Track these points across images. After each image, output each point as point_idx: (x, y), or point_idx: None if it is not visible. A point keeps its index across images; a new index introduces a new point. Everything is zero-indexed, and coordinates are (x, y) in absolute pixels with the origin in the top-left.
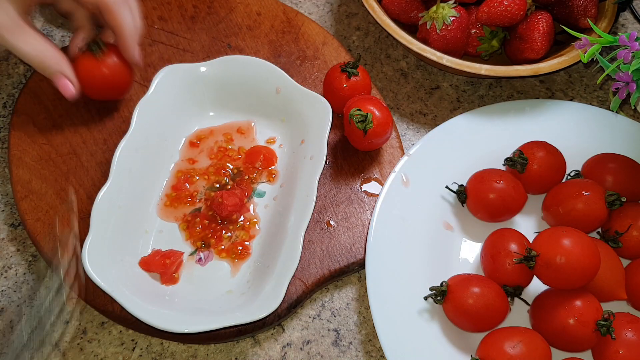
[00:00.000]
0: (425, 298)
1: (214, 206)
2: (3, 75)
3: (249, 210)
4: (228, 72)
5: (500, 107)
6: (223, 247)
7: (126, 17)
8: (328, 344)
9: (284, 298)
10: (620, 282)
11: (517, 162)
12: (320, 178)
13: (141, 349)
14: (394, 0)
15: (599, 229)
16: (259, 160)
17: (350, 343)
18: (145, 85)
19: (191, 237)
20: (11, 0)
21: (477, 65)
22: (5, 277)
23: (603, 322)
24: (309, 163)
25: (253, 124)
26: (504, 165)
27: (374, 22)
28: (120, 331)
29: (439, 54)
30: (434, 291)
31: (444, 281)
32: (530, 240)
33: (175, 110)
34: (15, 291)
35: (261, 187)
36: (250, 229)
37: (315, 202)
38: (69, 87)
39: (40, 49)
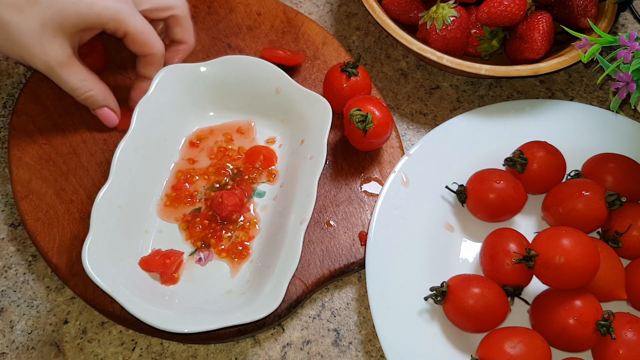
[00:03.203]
0: (426, 298)
1: (214, 206)
2: (3, 75)
3: (249, 210)
4: (228, 72)
5: (500, 107)
6: (223, 247)
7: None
8: (328, 344)
9: (284, 298)
10: (620, 282)
11: (517, 162)
12: (320, 178)
13: (141, 349)
14: (394, 0)
15: (599, 229)
16: (259, 160)
17: (350, 343)
18: None
19: (191, 237)
20: (67, 36)
21: (477, 65)
22: (5, 277)
23: (603, 322)
24: (309, 163)
25: (253, 124)
26: (504, 165)
27: (374, 22)
28: (120, 331)
29: (439, 54)
30: (434, 291)
31: (444, 282)
32: (530, 241)
33: (175, 110)
34: (15, 291)
35: (261, 187)
36: (250, 229)
37: (315, 202)
38: (113, 116)
39: (89, 85)
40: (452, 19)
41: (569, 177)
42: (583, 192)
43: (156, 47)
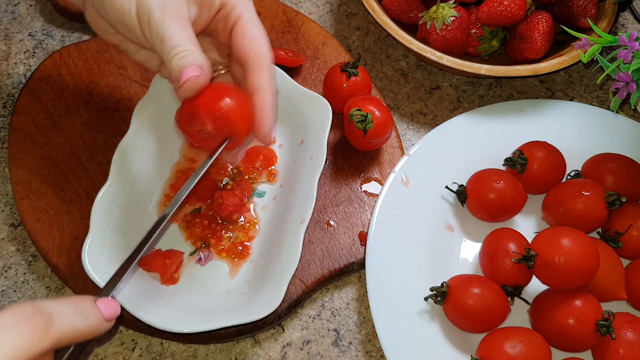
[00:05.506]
0: (426, 299)
1: (214, 206)
2: (3, 75)
3: (249, 211)
4: None
5: (500, 107)
6: (223, 247)
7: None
8: (328, 344)
9: (284, 298)
10: (620, 282)
11: (517, 162)
12: (320, 178)
13: (141, 349)
14: (394, 0)
15: (599, 229)
16: (259, 160)
17: (350, 343)
18: (145, 85)
19: (191, 237)
20: None
21: (477, 65)
22: (5, 277)
23: (603, 322)
24: (309, 163)
25: None
26: (504, 165)
27: (374, 22)
28: (120, 331)
29: (439, 54)
30: (434, 292)
31: (444, 282)
32: (530, 241)
33: (175, 110)
34: (15, 291)
35: (261, 187)
36: (250, 229)
37: (315, 202)
38: (197, 71)
39: (191, 46)
40: (452, 19)
41: (569, 177)
42: (583, 192)
43: (266, 47)
